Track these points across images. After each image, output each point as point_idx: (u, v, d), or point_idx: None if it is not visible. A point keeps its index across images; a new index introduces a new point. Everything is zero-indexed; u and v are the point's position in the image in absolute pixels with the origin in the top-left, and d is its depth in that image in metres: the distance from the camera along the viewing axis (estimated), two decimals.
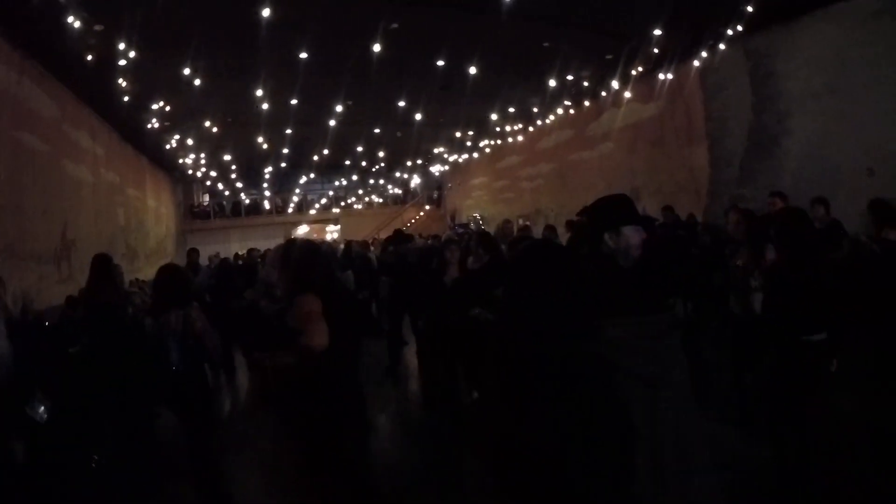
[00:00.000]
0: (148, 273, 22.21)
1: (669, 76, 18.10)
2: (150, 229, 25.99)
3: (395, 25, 13.71)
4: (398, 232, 12.70)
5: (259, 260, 15.44)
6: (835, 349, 5.02)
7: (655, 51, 16.26)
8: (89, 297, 8.06)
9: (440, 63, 15.73)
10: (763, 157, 15.48)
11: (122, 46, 12.75)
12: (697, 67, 17.19)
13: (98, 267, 7.80)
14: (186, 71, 14.51)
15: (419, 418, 8.27)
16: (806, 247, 5.36)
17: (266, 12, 11.53)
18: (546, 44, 15.95)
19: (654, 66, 17.76)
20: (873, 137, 12.63)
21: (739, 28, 14.75)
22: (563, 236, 11.73)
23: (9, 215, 12.47)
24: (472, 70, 15.98)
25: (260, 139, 23.67)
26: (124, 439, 7.30)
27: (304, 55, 14.16)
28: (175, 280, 6.25)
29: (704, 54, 16.49)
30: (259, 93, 16.80)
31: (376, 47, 13.85)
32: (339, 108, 19.40)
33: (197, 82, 15.12)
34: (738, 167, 16.32)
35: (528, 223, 24.82)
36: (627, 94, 20.12)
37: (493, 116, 23.55)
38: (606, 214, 3.83)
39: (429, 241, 17.02)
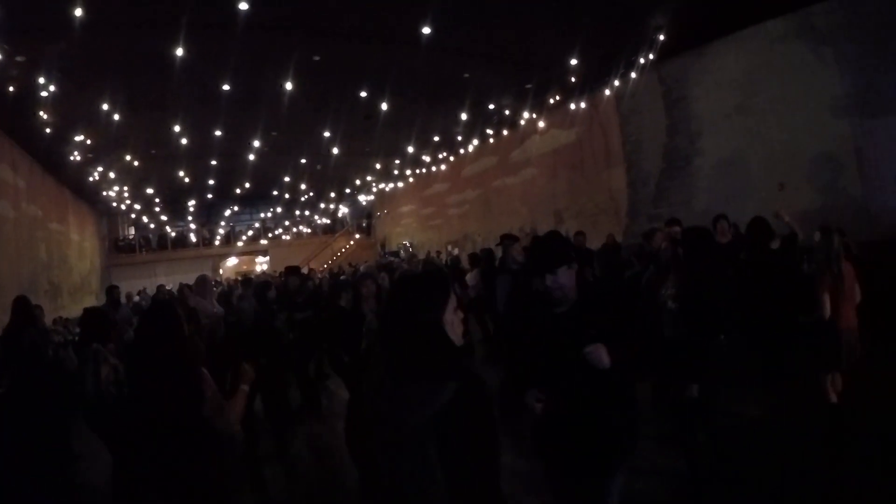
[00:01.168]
0: (72, 311, 21.80)
1: (585, 103, 18.82)
2: (73, 265, 25.46)
3: (316, 58, 14.00)
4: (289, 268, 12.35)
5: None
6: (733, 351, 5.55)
7: (572, 79, 16.82)
8: (10, 339, 8.07)
9: (363, 94, 16.01)
10: (677, 177, 16.27)
11: (42, 78, 12.73)
12: (613, 93, 17.95)
13: (18, 309, 7.86)
14: (107, 103, 14.52)
15: None
16: (709, 260, 5.95)
17: (185, 46, 11.71)
18: (466, 74, 16.39)
19: (572, 93, 18.39)
20: (782, 154, 13.48)
21: (651, 56, 15.46)
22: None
23: None
24: (395, 100, 16.39)
25: (183, 171, 23.58)
26: (47, 483, 7.36)
27: (226, 87, 14.27)
28: (95, 321, 6.56)
29: (619, 82, 17.21)
30: (181, 125, 16.87)
31: (298, 79, 14.14)
32: (262, 140, 19.54)
33: (118, 115, 15.12)
34: (654, 187, 17.07)
35: (456, 250, 25.36)
36: (546, 121, 20.79)
37: (418, 145, 23.95)
38: (542, 256, 3.84)
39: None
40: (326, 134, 19.62)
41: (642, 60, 15.74)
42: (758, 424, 6.78)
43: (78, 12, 9.94)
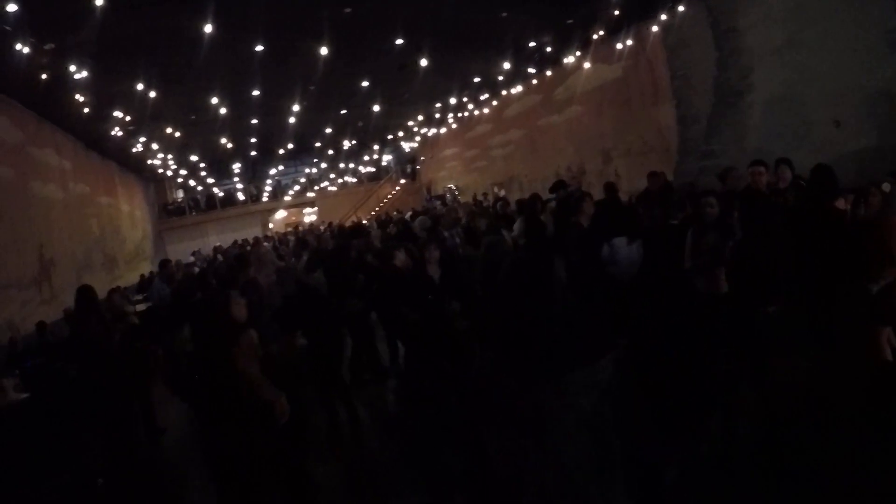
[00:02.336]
0: (128, 279, 22.24)
1: (630, 37, 18.05)
2: (126, 234, 25.80)
3: (347, 10, 13.58)
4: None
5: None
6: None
7: (616, 12, 16.14)
8: (74, 329, 8.19)
9: (399, 41, 15.55)
10: (729, 113, 15.52)
11: (74, 62, 12.67)
12: (659, 26, 17.13)
13: (80, 298, 7.94)
14: (142, 78, 14.44)
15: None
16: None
17: (214, 8, 11.45)
18: (505, 13, 15.82)
19: (616, 27, 17.65)
20: (837, 89, 12.60)
21: None
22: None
23: None
24: (433, 45, 15.95)
25: (225, 134, 23.53)
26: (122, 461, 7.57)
27: (259, 47, 13.99)
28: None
29: (664, 14, 16.43)
30: (218, 90, 16.76)
31: (332, 33, 13.78)
32: (300, 96, 19.29)
33: (154, 89, 15.05)
34: (705, 124, 16.36)
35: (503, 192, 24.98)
36: (590, 58, 20.04)
37: (459, 88, 23.43)
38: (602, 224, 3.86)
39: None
40: (365, 84, 19.22)
41: None
42: (805, 390, 6.36)
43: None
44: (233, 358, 4.58)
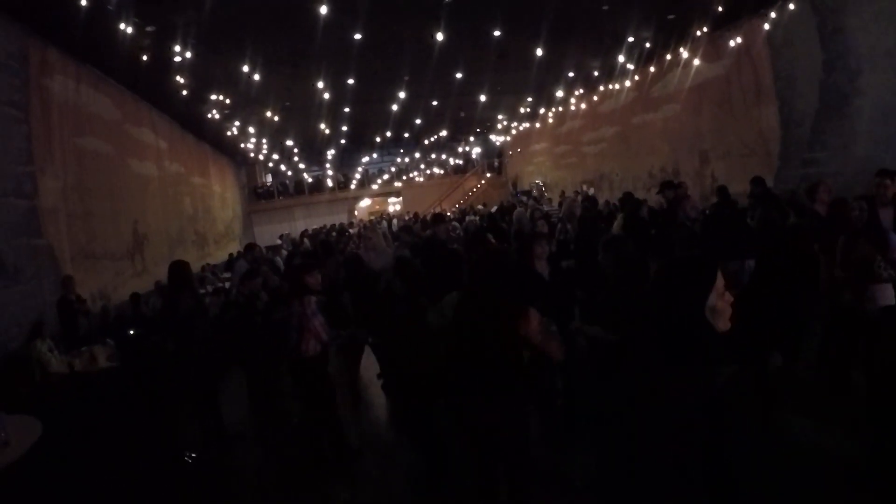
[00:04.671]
0: (217, 257, 22.77)
1: (735, 35, 17.30)
2: (216, 214, 26.45)
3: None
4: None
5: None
6: None
7: (719, 8, 15.52)
8: (169, 304, 8.28)
9: (496, 33, 15.30)
10: (834, 118, 14.66)
11: (175, 45, 12.93)
12: (763, 24, 16.34)
13: (173, 274, 8.03)
14: (242, 62, 14.60)
15: None
16: None
17: None
18: (605, 6, 15.39)
19: (718, 24, 17.00)
20: None
21: None
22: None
23: (80, 220, 12.81)
24: (530, 37, 15.66)
25: (320, 121, 23.74)
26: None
27: (358, 35, 13.96)
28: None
29: (771, 12, 15.67)
30: (316, 77, 16.79)
31: (431, 21, 13.63)
32: (395, 85, 19.27)
33: (253, 72, 15.19)
34: (808, 129, 15.52)
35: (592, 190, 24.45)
36: (691, 55, 19.34)
37: (553, 82, 23.01)
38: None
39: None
40: (459, 75, 19.05)
41: None
42: None
43: None
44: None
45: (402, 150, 38.79)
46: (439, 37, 14.39)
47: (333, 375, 7.04)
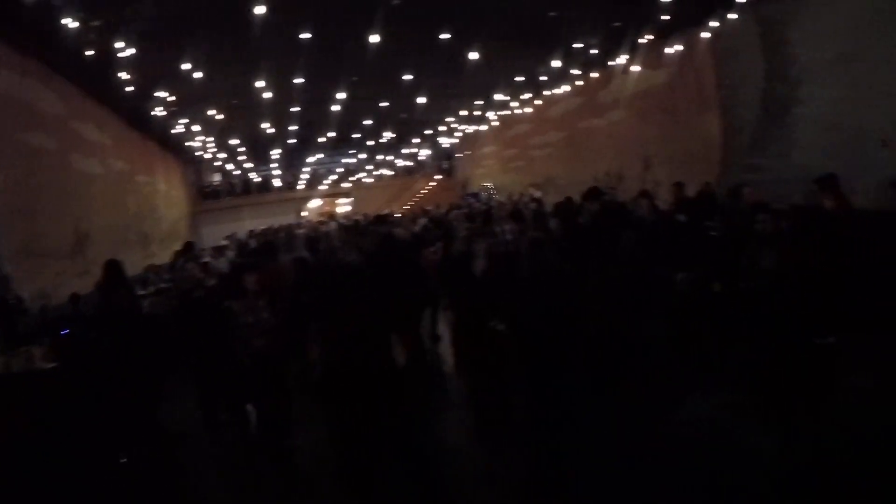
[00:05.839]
0: (162, 257, 22.37)
1: (678, 43, 17.73)
2: (162, 213, 26.03)
3: (396, 1, 13.50)
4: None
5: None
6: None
7: (665, 17, 15.90)
8: (101, 300, 8.22)
9: (445, 36, 15.42)
10: (775, 126, 15.16)
11: (121, 40, 12.70)
12: (708, 34, 16.81)
13: (107, 271, 7.97)
14: (187, 59, 14.46)
15: None
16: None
17: None
18: (553, 13, 15.64)
19: (664, 32, 17.39)
20: (888, 108, 12.19)
21: None
22: None
23: (21, 217, 12.56)
24: (478, 41, 15.80)
25: (266, 120, 23.59)
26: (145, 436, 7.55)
27: (305, 35, 13.95)
28: None
29: (715, 22, 16.12)
30: (261, 76, 16.73)
31: (379, 23, 13.65)
32: (343, 87, 19.32)
33: (199, 69, 15.05)
34: (749, 136, 16.02)
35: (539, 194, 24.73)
36: (637, 62, 19.75)
37: (502, 86, 23.29)
38: None
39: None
40: (408, 77, 19.15)
41: None
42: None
43: None
44: None
45: (351, 151, 38.69)
46: (388, 38, 14.45)
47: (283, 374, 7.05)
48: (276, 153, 34.55)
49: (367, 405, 4.78)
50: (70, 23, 11.19)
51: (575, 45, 18.50)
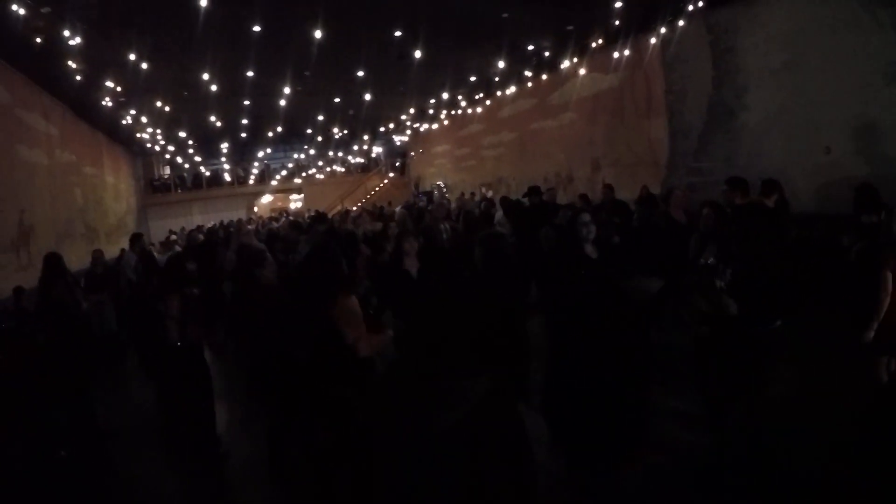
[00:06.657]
0: (109, 252, 21.97)
1: (628, 48, 18.08)
2: (109, 207, 25.57)
3: None
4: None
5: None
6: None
7: (616, 23, 16.20)
8: (40, 294, 8.17)
9: (397, 33, 15.53)
10: (720, 131, 15.59)
11: (69, 27, 12.53)
12: (658, 40, 17.18)
13: (47, 265, 7.92)
14: (136, 48, 14.32)
15: None
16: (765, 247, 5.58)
17: None
18: (504, 14, 15.81)
19: (615, 37, 17.69)
20: (831, 115, 12.70)
21: (700, 2, 14.80)
22: None
23: None
24: (430, 40, 15.90)
25: (216, 113, 23.38)
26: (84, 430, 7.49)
27: (256, 28, 13.90)
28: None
29: (664, 28, 16.48)
30: (212, 68, 16.63)
31: (330, 18, 13.65)
32: (294, 81, 19.24)
33: (147, 60, 14.92)
34: (695, 140, 16.44)
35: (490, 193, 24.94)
36: (587, 65, 20.09)
37: (454, 86, 23.46)
38: None
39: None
40: (360, 74, 19.15)
41: (690, 7, 15.05)
42: (797, 405, 6.35)
43: None
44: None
45: (304, 147, 38.45)
46: (340, 33, 14.47)
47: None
48: (225, 146, 34.21)
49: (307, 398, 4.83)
50: (17, 8, 11.04)
51: (528, 48, 18.76)
